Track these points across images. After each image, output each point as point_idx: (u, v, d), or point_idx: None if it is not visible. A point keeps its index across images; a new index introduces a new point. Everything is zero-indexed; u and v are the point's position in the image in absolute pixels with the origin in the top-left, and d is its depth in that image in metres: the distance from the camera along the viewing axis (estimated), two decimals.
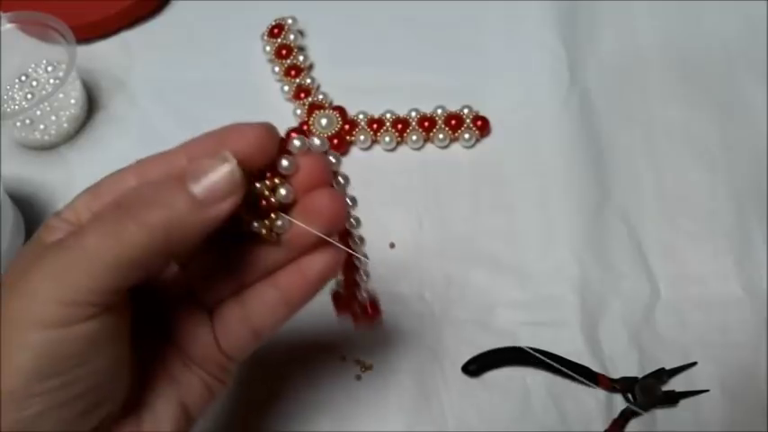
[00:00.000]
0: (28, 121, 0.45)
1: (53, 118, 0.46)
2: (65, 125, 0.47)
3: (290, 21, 0.50)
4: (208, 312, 0.28)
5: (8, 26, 0.46)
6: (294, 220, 0.25)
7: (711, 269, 0.42)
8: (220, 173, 0.23)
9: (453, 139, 0.46)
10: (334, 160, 0.27)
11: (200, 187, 0.23)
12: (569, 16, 0.50)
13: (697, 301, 0.41)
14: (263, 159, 0.25)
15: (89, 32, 0.50)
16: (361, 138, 0.46)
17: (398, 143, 0.46)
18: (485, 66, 0.49)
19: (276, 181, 0.25)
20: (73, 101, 0.47)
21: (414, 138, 0.46)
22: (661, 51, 0.49)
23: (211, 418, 0.38)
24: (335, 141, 0.46)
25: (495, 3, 0.51)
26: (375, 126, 0.46)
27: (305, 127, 0.46)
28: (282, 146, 0.25)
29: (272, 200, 0.25)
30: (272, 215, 0.25)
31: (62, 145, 0.47)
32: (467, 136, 0.46)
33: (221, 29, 0.52)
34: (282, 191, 0.25)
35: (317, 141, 0.26)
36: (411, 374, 0.39)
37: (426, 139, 0.46)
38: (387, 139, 0.46)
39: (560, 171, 0.45)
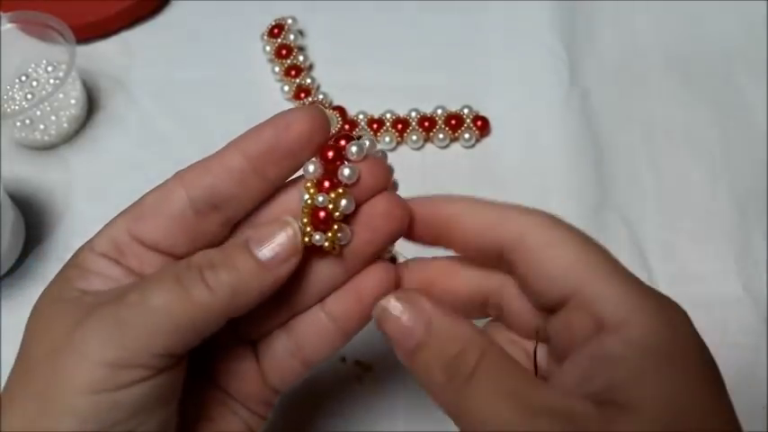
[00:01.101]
0: (28, 121, 0.45)
1: (53, 118, 0.46)
2: (65, 125, 0.47)
3: (290, 21, 0.50)
4: (251, 345, 0.26)
5: (8, 26, 0.46)
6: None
7: (711, 269, 0.42)
8: (284, 237, 0.23)
9: (453, 139, 0.46)
10: (381, 156, 0.25)
11: (264, 252, 0.23)
12: (569, 16, 0.50)
13: (697, 300, 0.41)
14: (315, 148, 0.24)
15: (89, 32, 0.50)
16: None
17: (398, 143, 0.46)
18: (485, 66, 0.49)
19: (339, 191, 0.23)
20: (73, 101, 0.47)
21: (414, 138, 0.46)
22: (661, 51, 0.49)
23: None
24: None
25: (495, 3, 0.51)
26: (375, 126, 0.46)
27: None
28: (339, 151, 0.24)
29: (337, 213, 0.23)
30: (335, 226, 0.24)
31: (62, 145, 0.47)
32: (467, 136, 0.46)
33: (221, 29, 0.52)
34: (344, 201, 0.23)
35: (367, 143, 0.24)
36: (411, 375, 0.39)
37: (426, 139, 0.46)
38: (387, 139, 0.46)
39: (560, 171, 0.45)
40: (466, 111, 0.46)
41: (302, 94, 0.48)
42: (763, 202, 0.43)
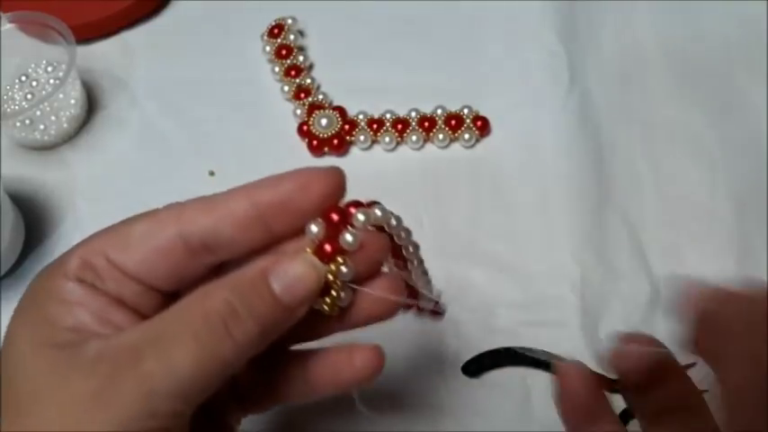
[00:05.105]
0: (28, 122, 0.45)
1: (53, 118, 0.46)
2: (65, 125, 0.47)
3: (290, 21, 0.50)
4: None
5: (8, 26, 0.46)
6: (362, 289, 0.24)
7: (711, 269, 0.42)
8: (310, 279, 0.22)
9: (453, 139, 0.46)
10: (395, 222, 0.25)
11: (287, 294, 0.22)
12: (569, 16, 0.50)
13: None
14: (329, 207, 0.23)
15: (89, 32, 0.50)
16: (361, 138, 0.46)
17: (398, 143, 0.46)
18: (485, 66, 0.49)
19: (339, 260, 0.23)
20: (73, 101, 0.47)
21: (414, 138, 0.46)
22: (661, 51, 0.49)
23: None
24: (335, 141, 0.46)
25: (495, 3, 0.51)
26: (375, 126, 0.46)
27: (305, 127, 0.46)
28: (345, 216, 0.23)
29: (338, 281, 0.23)
30: (333, 292, 0.23)
31: (62, 145, 0.47)
32: (467, 136, 0.46)
33: (221, 29, 0.52)
34: (344, 269, 0.23)
35: (378, 213, 0.24)
36: (410, 375, 0.39)
37: (426, 140, 0.46)
38: (387, 139, 0.46)
39: (560, 171, 0.45)
40: (466, 111, 0.46)
41: (302, 94, 0.48)
42: (764, 203, 0.43)
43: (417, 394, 0.39)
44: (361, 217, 0.23)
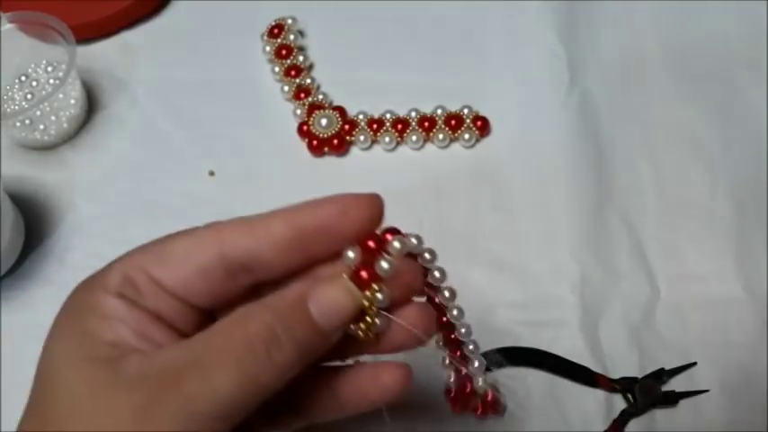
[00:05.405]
0: (28, 122, 0.45)
1: (53, 118, 0.46)
2: (65, 125, 0.47)
3: (290, 21, 0.50)
4: None
5: (8, 26, 0.46)
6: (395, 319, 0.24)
7: (711, 269, 0.42)
8: (347, 303, 0.23)
9: (453, 139, 0.46)
10: (429, 257, 0.26)
11: (326, 320, 0.22)
12: (569, 16, 0.50)
13: (697, 301, 0.41)
14: (366, 234, 0.24)
15: (89, 32, 0.50)
16: (361, 138, 0.46)
17: (398, 143, 0.46)
18: (485, 66, 0.49)
19: (375, 287, 0.23)
20: (73, 101, 0.47)
21: (414, 138, 0.46)
22: (661, 51, 0.49)
23: None
24: (335, 141, 0.46)
25: (495, 3, 0.51)
26: (375, 126, 0.46)
27: (305, 127, 0.46)
28: (381, 243, 0.24)
29: (373, 307, 0.23)
30: (368, 318, 0.23)
31: (62, 145, 0.47)
32: (467, 136, 0.46)
33: (221, 29, 0.52)
34: (380, 296, 0.23)
35: (414, 241, 0.24)
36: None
37: (426, 139, 0.46)
38: (387, 139, 0.46)
39: (560, 171, 0.45)
40: (466, 111, 0.46)
41: (302, 94, 0.48)
42: (764, 203, 0.43)
43: (417, 394, 0.39)
44: (396, 244, 0.24)
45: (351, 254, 0.23)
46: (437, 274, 0.27)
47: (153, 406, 0.20)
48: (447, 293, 0.28)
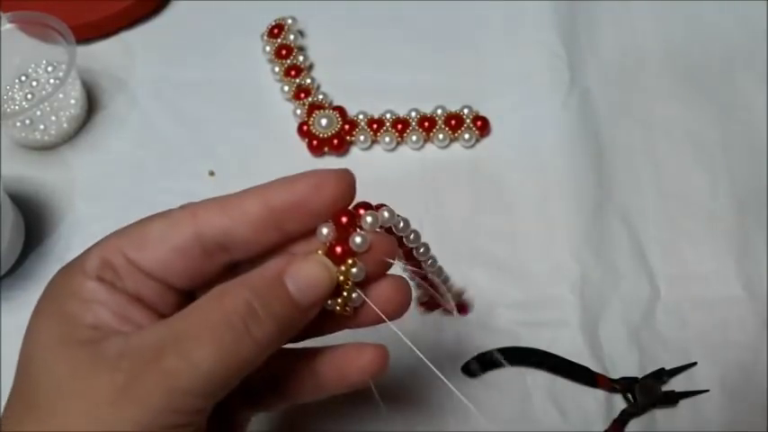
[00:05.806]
0: (28, 122, 0.45)
1: (53, 118, 0.46)
2: (65, 125, 0.47)
3: (290, 21, 0.50)
4: None
5: (8, 26, 0.46)
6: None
7: (711, 269, 0.42)
8: (323, 277, 0.23)
9: (453, 139, 0.46)
10: (402, 225, 0.26)
11: (303, 295, 0.23)
12: (569, 16, 0.50)
13: (697, 300, 0.41)
14: (339, 210, 0.24)
15: (89, 32, 0.50)
16: (361, 138, 0.46)
17: (398, 143, 0.46)
18: (485, 66, 0.49)
19: (350, 261, 0.24)
20: (73, 101, 0.47)
21: (414, 138, 0.46)
22: (661, 51, 0.49)
23: None
24: (335, 141, 0.46)
25: (494, 3, 0.51)
26: (375, 126, 0.46)
27: (305, 127, 0.46)
28: (354, 218, 0.24)
29: (349, 282, 0.24)
30: (345, 293, 0.24)
31: (62, 145, 0.47)
32: (467, 136, 0.46)
33: (221, 29, 0.52)
34: (355, 270, 0.24)
35: (386, 214, 0.25)
36: (410, 375, 0.39)
37: (426, 139, 0.46)
38: (387, 139, 0.46)
39: (560, 171, 0.45)
40: (466, 111, 0.46)
41: (302, 94, 0.48)
42: (763, 203, 0.43)
43: (417, 394, 0.39)
44: (369, 219, 0.24)
45: (325, 230, 0.24)
46: (412, 236, 0.27)
47: (134, 384, 0.21)
48: (422, 249, 0.28)
